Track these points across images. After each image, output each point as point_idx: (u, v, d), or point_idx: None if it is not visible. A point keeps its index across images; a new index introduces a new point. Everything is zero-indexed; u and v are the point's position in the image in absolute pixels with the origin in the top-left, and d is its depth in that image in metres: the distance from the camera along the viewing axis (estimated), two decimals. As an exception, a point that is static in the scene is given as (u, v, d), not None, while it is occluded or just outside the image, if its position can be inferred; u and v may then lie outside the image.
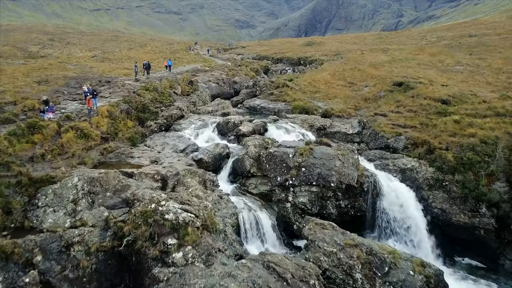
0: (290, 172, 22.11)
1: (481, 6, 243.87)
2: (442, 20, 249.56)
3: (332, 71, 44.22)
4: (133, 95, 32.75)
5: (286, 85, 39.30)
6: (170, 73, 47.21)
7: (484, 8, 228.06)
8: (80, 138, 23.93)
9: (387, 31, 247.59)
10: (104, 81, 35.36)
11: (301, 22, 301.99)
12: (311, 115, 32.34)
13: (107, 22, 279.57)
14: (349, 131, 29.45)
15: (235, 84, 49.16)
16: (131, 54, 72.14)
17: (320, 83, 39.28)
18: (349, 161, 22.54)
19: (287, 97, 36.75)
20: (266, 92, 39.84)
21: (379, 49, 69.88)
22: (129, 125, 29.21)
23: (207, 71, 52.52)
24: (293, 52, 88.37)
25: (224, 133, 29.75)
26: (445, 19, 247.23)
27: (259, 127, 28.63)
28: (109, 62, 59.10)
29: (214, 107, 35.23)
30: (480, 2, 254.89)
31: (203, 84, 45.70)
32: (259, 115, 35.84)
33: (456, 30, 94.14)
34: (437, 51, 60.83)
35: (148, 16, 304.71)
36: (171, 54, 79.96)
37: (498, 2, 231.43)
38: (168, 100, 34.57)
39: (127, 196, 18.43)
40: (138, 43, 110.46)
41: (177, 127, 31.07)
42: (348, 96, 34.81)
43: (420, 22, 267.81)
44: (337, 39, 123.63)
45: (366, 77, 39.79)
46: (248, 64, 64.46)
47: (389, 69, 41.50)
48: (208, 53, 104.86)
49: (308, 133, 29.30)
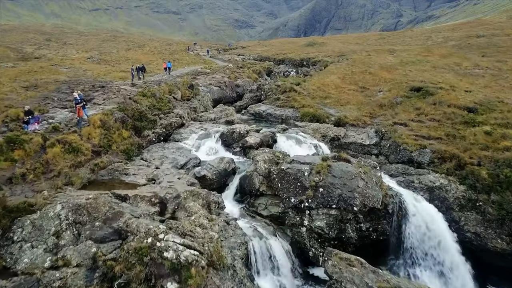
0: (306, 193, 19.31)
1: (481, 6, 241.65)
2: (441, 20, 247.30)
3: (341, 74, 41.42)
4: (129, 102, 29.88)
5: (293, 89, 36.47)
6: (169, 76, 44.34)
7: (484, 8, 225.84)
8: (68, 153, 21.06)
9: (386, 31, 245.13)
10: (98, 86, 32.47)
11: (300, 22, 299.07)
12: (323, 123, 29.54)
13: (106, 22, 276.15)
14: (365, 142, 26.65)
15: (237, 87, 46.33)
16: (129, 55, 69.18)
17: (330, 87, 36.48)
18: (372, 180, 19.74)
19: (295, 102, 33.94)
20: (271, 97, 37.01)
21: (385, 50, 67.12)
22: (124, 135, 26.35)
23: (208, 74, 49.65)
24: (295, 53, 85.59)
25: (228, 144, 26.92)
26: (445, 19, 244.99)
27: (267, 138, 25.80)
28: (105, 64, 56.14)
29: (217, 114, 32.38)
30: (480, 2, 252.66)
31: (204, 88, 42.85)
32: (265, 123, 33.05)
33: (462, 30, 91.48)
34: (446, 52, 58.08)
35: (147, 16, 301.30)
36: (170, 55, 77.04)
37: (497, 2, 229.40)
38: (167, 106, 31.72)
39: (120, 226, 15.59)
40: (136, 43, 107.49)
41: (177, 137, 28.23)
42: (361, 102, 32.01)
43: (419, 22, 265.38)
44: (339, 39, 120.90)
45: (379, 81, 37.01)
46: (250, 65, 61.63)
47: (403, 73, 38.72)
48: (208, 54, 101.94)
49: (321, 144, 26.51)
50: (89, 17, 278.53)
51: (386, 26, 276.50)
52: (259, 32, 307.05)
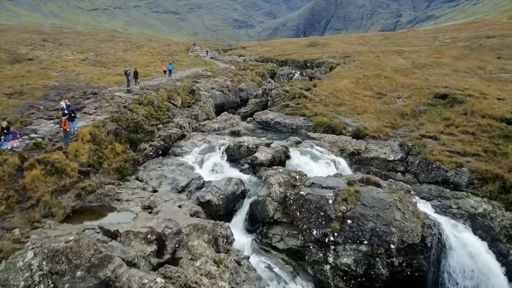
0: (331, 225, 16.11)
1: (481, 6, 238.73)
2: (441, 20, 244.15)
3: (353, 78, 38.22)
4: (124, 111, 26.60)
5: (304, 95, 33.23)
6: (168, 79, 41.02)
7: (484, 8, 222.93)
8: (51, 175, 17.79)
9: (385, 31, 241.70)
10: (90, 93, 29.16)
11: (300, 22, 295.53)
12: (340, 135, 26.34)
13: (105, 22, 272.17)
14: (389, 157, 23.45)
15: (241, 91, 43.06)
16: (127, 57, 65.80)
17: (343, 93, 33.28)
18: (409, 209, 16.55)
19: (306, 110, 30.72)
20: (279, 104, 33.76)
21: (393, 51, 63.93)
22: (117, 150, 23.08)
23: (209, 77, 46.35)
24: (298, 54, 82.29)
25: (235, 159, 23.66)
26: (444, 19, 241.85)
27: (279, 154, 22.57)
28: (101, 66, 52.78)
29: (221, 124, 29.10)
30: (480, 2, 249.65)
31: (205, 93, 39.56)
32: (273, 133, 29.82)
33: (468, 31, 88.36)
34: (458, 53, 54.94)
35: (146, 16, 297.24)
36: (169, 56, 73.69)
37: (497, 2, 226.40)
38: (166, 115, 28.44)
39: (107, 276, 12.41)
40: (134, 44, 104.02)
41: (177, 150, 24.97)
42: (380, 110, 28.82)
43: (419, 22, 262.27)
44: (341, 39, 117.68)
45: (396, 86, 33.83)
46: (252, 67, 58.34)
47: (422, 77, 35.57)
48: (207, 54, 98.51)
49: (339, 159, 23.31)
50: (87, 17, 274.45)
51: (386, 26, 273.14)
52: (258, 32, 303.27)
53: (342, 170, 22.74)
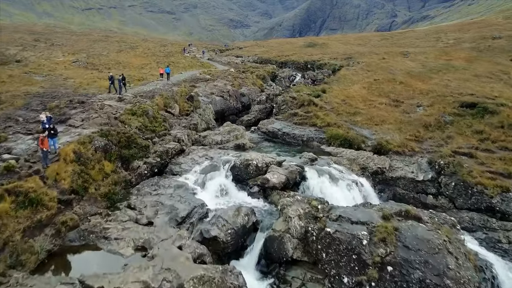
0: (367, 272, 12.98)
1: (476, 6, 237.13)
2: (436, 20, 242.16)
3: (365, 83, 35.15)
4: (115, 123, 23.29)
5: (313, 102, 30.07)
6: (165, 83, 37.69)
7: (479, 9, 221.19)
8: (23, 208, 14.56)
9: (381, 31, 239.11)
10: (77, 102, 25.75)
11: (295, 22, 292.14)
12: (359, 150, 23.22)
13: (99, 22, 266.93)
14: (418, 177, 20.37)
15: (242, 96, 39.79)
16: (120, 58, 62.20)
17: (356, 100, 30.17)
18: (460, 251, 13.47)
19: (317, 120, 27.58)
20: (286, 112, 30.56)
21: (397, 52, 60.95)
22: (107, 169, 19.83)
23: (208, 81, 43.04)
24: (298, 55, 79.10)
25: (242, 179, 20.45)
26: (440, 19, 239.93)
27: (294, 175, 19.39)
28: (92, 68, 49.23)
29: (224, 136, 25.83)
30: (474, 2, 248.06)
31: (204, 98, 36.27)
32: (282, 145, 26.64)
33: (470, 31, 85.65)
34: (467, 55, 52.10)
35: (141, 16, 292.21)
36: (165, 57, 70.17)
37: (492, 2, 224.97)
38: (162, 127, 25.13)
39: None
40: (129, 44, 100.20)
41: (175, 168, 21.74)
42: (400, 120, 25.75)
43: (414, 22, 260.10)
44: (339, 40, 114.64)
45: (414, 93, 30.80)
46: (252, 70, 55.05)
47: (440, 82, 32.58)
48: (204, 55, 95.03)
49: (361, 180, 20.20)
50: (82, 16, 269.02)
51: (381, 26, 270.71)
52: (254, 32, 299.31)
53: (366, 194, 19.68)
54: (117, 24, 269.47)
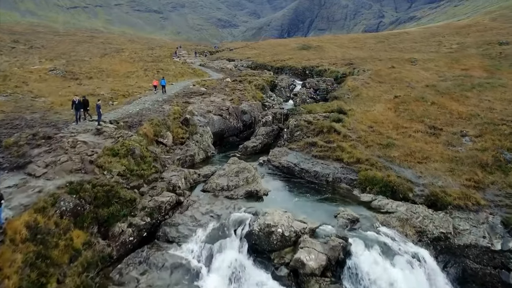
0: None
1: (461, 7, 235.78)
2: (423, 21, 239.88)
3: (390, 103, 29.89)
4: (90, 168, 17.40)
5: (334, 129, 24.60)
6: (153, 102, 31.77)
7: (465, 10, 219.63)
8: None
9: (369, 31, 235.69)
10: (42, 136, 19.67)
11: (284, 22, 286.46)
12: (405, 201, 17.87)
13: (85, 21, 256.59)
14: (494, 245, 15.15)
15: (244, 114, 34.10)
16: (104, 65, 55.66)
17: (385, 126, 24.89)
18: None
19: (342, 153, 22.14)
20: (302, 140, 25.00)
21: (403, 59, 56.08)
22: (77, 243, 14.06)
23: (203, 95, 37.20)
24: (295, 60, 73.75)
25: (262, 250, 14.91)
26: (426, 20, 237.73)
27: (336, 253, 13.90)
28: (71, 79, 42.82)
29: (231, 178, 20.12)
30: (460, 4, 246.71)
31: (201, 118, 30.52)
32: (300, 186, 21.06)
33: (470, 35, 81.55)
34: (481, 63, 47.49)
35: (128, 15, 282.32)
36: (153, 63, 63.81)
37: (477, 3, 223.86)
38: (152, 169, 19.29)
39: None
40: (114, 46, 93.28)
41: (171, 232, 16.01)
42: (447, 157, 20.52)
43: (401, 23, 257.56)
44: (333, 42, 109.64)
45: (452, 117, 25.67)
46: (250, 79, 49.25)
47: (480, 103, 27.57)
48: (196, 56, 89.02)
49: (421, 252, 14.84)
50: (67, 15, 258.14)
51: (369, 27, 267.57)
52: (242, 32, 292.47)
53: (430, 272, 14.34)
54: (103, 23, 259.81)
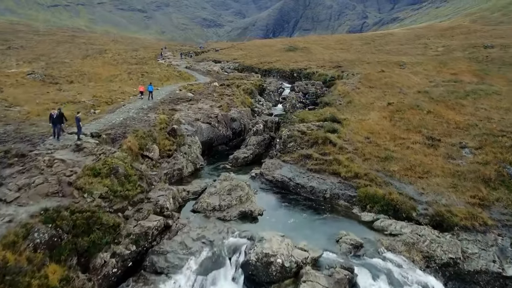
0: None
1: (443, 9, 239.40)
2: (406, 22, 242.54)
3: (384, 111, 28.92)
4: (69, 191, 15.73)
5: (329, 140, 23.42)
6: (138, 110, 30.03)
7: (446, 11, 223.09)
8: None
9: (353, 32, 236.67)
10: (15, 154, 17.83)
11: (269, 22, 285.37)
12: (408, 220, 16.81)
13: (67, 19, 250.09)
14: (505, 271, 14.20)
15: (233, 122, 32.64)
16: (86, 68, 53.29)
17: (382, 137, 23.84)
18: None
19: (339, 166, 21.00)
20: (296, 152, 23.75)
21: (392, 62, 55.58)
22: (53, 280, 12.47)
23: (191, 101, 35.58)
24: (282, 62, 72.63)
25: (260, 282, 13.57)
26: (409, 22, 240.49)
27: (342, 286, 12.67)
28: (50, 83, 40.58)
29: (223, 197, 18.66)
30: (441, 5, 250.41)
31: (188, 127, 28.98)
32: (296, 203, 19.80)
33: (455, 37, 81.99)
34: (470, 68, 47.25)
35: (111, 14, 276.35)
36: (138, 65, 61.65)
37: (458, 5, 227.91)
38: (137, 188, 17.69)
39: None
40: (97, 46, 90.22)
41: (159, 262, 14.51)
42: (448, 171, 19.57)
43: (384, 24, 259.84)
44: (319, 43, 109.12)
45: (449, 127, 24.81)
46: (238, 82, 47.69)
47: (477, 112, 26.83)
48: (181, 57, 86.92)
49: (430, 280, 13.77)
50: (47, 13, 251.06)
51: (353, 27, 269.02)
52: (227, 32, 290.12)
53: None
54: (86, 22, 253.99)
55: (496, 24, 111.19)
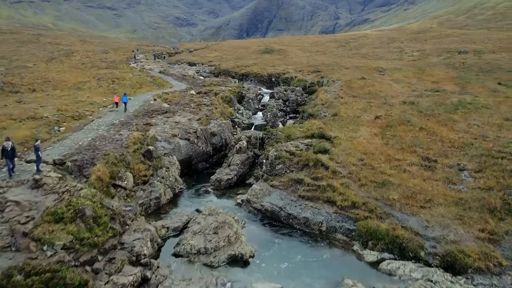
0: None
1: (411, 11, 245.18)
2: (376, 23, 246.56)
3: (374, 126, 27.28)
4: (24, 244, 12.91)
5: (321, 163, 21.47)
6: (109, 126, 27.04)
7: (414, 14, 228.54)
8: None
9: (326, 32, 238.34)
10: (-42, 194, 14.83)
11: (243, 21, 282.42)
12: (416, 260, 15.11)
13: (32, 16, 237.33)
14: (528, 323, 12.69)
15: (213, 136, 30.19)
16: (51, 73, 49.11)
17: (376, 158, 22.11)
18: None
19: (334, 194, 19.09)
20: (285, 175, 21.66)
21: (371, 68, 54.59)
22: None
23: (166, 113, 32.81)
24: (259, 66, 70.46)
25: None
26: (379, 23, 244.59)
27: None
28: (9, 92, 36.63)
29: (209, 238, 16.24)
30: (410, 8, 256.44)
31: (165, 144, 26.37)
32: (289, 237, 17.78)
33: (428, 42, 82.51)
34: (448, 75, 46.89)
35: (79, 11, 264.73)
36: (108, 69, 57.78)
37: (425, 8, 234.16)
38: (109, 232, 15.02)
39: None
40: (64, 47, 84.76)
41: (136, 328, 12.06)
42: (451, 198, 18.03)
43: (356, 25, 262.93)
44: (295, 44, 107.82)
45: (443, 145, 23.42)
46: (216, 89, 44.94)
47: (470, 129, 25.60)
48: (155, 59, 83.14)
49: None
50: (10, 10, 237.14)
51: (325, 28, 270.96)
52: (201, 31, 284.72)
53: None
54: (52, 19, 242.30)
55: (462, 27, 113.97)
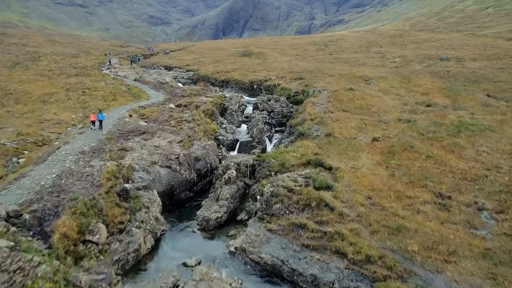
0: None
1: (384, 13, 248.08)
2: (351, 24, 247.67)
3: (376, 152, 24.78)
4: None
5: (325, 203, 18.74)
6: (78, 156, 23.26)
7: (387, 15, 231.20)
8: None
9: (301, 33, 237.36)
10: None
11: (218, 21, 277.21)
12: None
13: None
14: None
15: (197, 162, 26.92)
16: (13, 83, 44.06)
17: (386, 196, 19.58)
18: None
19: (343, 243, 16.37)
20: (284, 217, 18.75)
21: (356, 76, 52.59)
22: None
23: (144, 134, 29.19)
24: (240, 72, 67.28)
25: None
26: (354, 24, 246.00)
27: None
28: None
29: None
30: (382, 10, 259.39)
31: (144, 174, 22.96)
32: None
33: (407, 46, 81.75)
34: (435, 85, 45.46)
35: (48, 8, 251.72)
36: (78, 77, 52.99)
37: (398, 10, 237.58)
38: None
39: None
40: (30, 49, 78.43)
41: None
42: (477, 249, 15.71)
43: (331, 25, 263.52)
44: (273, 47, 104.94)
45: (455, 178, 21.20)
46: (197, 101, 41.62)
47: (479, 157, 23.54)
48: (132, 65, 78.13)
49: None
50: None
51: (301, 28, 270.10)
52: (176, 30, 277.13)
53: None
54: (19, 16, 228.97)
55: (433, 29, 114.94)
